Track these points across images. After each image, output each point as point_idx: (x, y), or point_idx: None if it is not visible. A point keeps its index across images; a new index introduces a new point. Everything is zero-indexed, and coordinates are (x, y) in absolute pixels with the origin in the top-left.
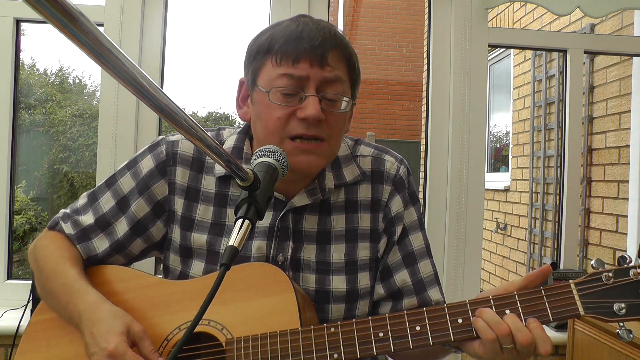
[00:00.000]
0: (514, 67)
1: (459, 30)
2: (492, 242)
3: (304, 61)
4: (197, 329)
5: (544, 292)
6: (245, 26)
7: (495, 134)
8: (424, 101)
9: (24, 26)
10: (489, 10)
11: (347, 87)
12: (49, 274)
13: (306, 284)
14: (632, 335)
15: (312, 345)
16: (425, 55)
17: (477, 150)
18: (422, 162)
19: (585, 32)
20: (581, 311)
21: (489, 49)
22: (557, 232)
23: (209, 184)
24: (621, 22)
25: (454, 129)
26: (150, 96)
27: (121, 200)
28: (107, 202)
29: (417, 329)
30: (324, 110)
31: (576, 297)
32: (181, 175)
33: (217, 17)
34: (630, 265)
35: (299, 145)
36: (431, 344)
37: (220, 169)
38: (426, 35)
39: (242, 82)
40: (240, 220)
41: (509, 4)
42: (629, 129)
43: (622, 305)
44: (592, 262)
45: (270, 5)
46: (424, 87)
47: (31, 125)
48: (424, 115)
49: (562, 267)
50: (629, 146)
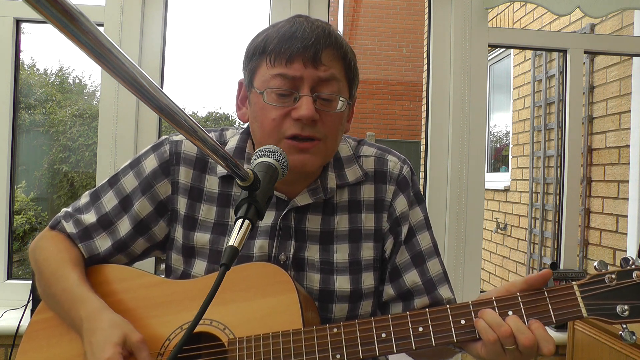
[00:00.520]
0: (514, 67)
1: (459, 30)
2: (492, 242)
3: (298, 61)
4: (199, 328)
5: (546, 294)
6: (245, 26)
7: (495, 134)
8: (424, 101)
9: (24, 25)
10: (489, 10)
11: (344, 86)
12: (50, 277)
13: (310, 283)
14: (635, 337)
15: (314, 345)
16: (425, 55)
17: (477, 150)
18: (422, 162)
19: (585, 32)
20: (584, 313)
21: (489, 49)
22: (557, 232)
23: (212, 184)
24: (621, 22)
25: (454, 129)
26: (150, 96)
27: (124, 199)
28: (109, 201)
29: (420, 329)
30: (319, 110)
31: (579, 299)
32: (184, 175)
33: (217, 17)
34: (633, 267)
35: (294, 144)
36: (434, 344)
37: (222, 170)
38: (426, 35)
39: (241, 84)
40: (240, 220)
41: (509, 4)
42: (629, 129)
43: (625, 307)
44: (595, 263)
45: (270, 5)
46: (424, 87)
47: (31, 125)
48: (424, 115)
49: (562, 267)
50: (629, 146)
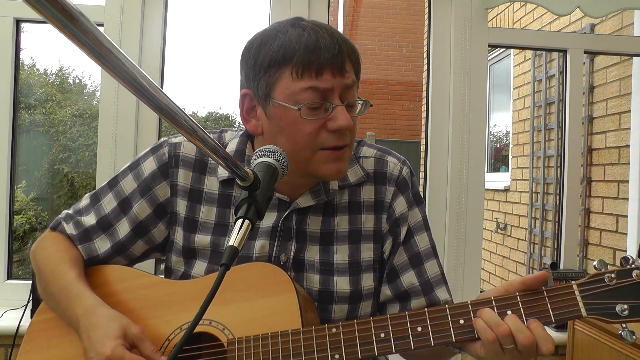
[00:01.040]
0: (514, 67)
1: (459, 30)
2: (492, 242)
3: (327, 72)
4: (199, 329)
5: (546, 293)
6: (245, 26)
7: (495, 134)
8: (424, 101)
9: (24, 25)
10: (489, 10)
11: (357, 88)
12: (49, 276)
13: (310, 284)
14: (635, 337)
15: (313, 345)
16: (425, 55)
17: (477, 150)
18: (422, 162)
19: (585, 32)
20: (583, 312)
21: (489, 49)
22: (557, 232)
23: (211, 185)
24: (621, 22)
25: (454, 129)
26: (150, 96)
27: (123, 201)
28: (109, 203)
29: (419, 329)
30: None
31: (578, 299)
32: (183, 177)
33: (217, 17)
34: (633, 266)
35: (331, 153)
36: (432, 344)
37: (223, 173)
38: (426, 35)
39: (244, 95)
40: (240, 220)
41: (509, 4)
42: (629, 129)
43: (625, 306)
44: (595, 263)
45: (270, 5)
46: (424, 87)
47: (31, 125)
48: (424, 115)
49: (562, 267)
50: (629, 146)
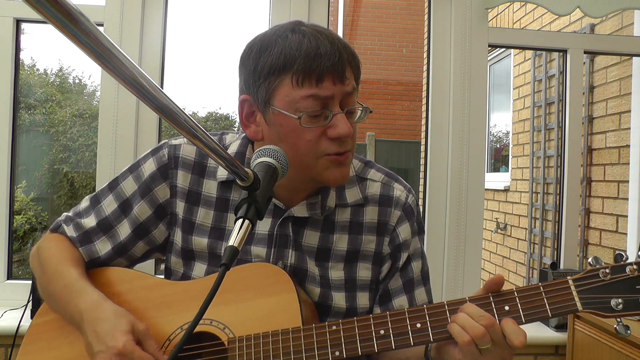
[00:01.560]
0: (514, 67)
1: (459, 30)
2: (492, 242)
3: (328, 80)
4: (200, 328)
5: (542, 289)
6: (245, 26)
7: (495, 134)
8: (424, 101)
9: (24, 25)
10: (489, 10)
11: (357, 94)
12: (51, 275)
13: (310, 295)
14: (629, 331)
15: (313, 343)
16: (425, 55)
17: (477, 150)
18: (422, 162)
19: (585, 32)
20: (579, 307)
21: (489, 49)
22: (557, 232)
23: (210, 188)
24: (621, 22)
25: (454, 129)
26: (150, 96)
27: (123, 203)
28: (109, 205)
29: (418, 326)
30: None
31: (574, 293)
32: (182, 178)
33: (217, 17)
34: (626, 262)
35: (334, 160)
36: (432, 340)
37: (222, 174)
38: (426, 35)
39: (243, 101)
40: (240, 220)
41: (509, 4)
42: (629, 129)
43: (620, 300)
44: (590, 259)
45: (270, 5)
46: (424, 87)
47: (31, 125)
48: (424, 115)
49: (562, 267)
50: (629, 146)
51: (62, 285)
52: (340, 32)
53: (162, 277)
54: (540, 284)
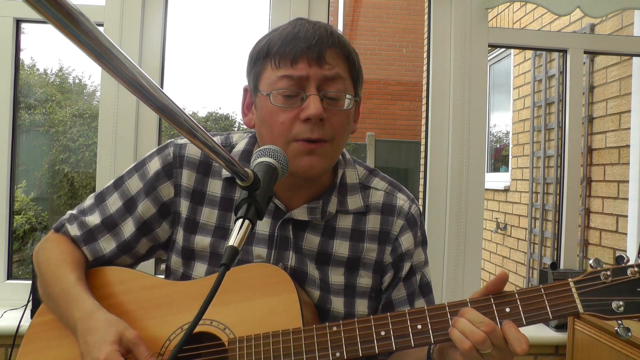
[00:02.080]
0: (514, 67)
1: (459, 30)
2: (492, 242)
3: (302, 61)
4: (200, 329)
5: (543, 291)
6: (245, 26)
7: (495, 134)
8: (424, 101)
9: (24, 25)
10: (489, 10)
11: (349, 85)
12: (50, 277)
13: (309, 297)
14: (630, 333)
15: (314, 344)
16: (425, 55)
17: (477, 150)
18: (422, 162)
19: (585, 32)
20: (580, 309)
21: (489, 49)
22: (557, 232)
23: (214, 188)
24: (621, 22)
25: (454, 129)
26: (150, 96)
27: (128, 201)
28: (114, 203)
29: (419, 327)
30: (326, 109)
31: (575, 295)
32: (187, 177)
33: (217, 17)
34: (627, 264)
35: (303, 145)
36: (432, 342)
37: (227, 172)
38: (426, 35)
39: (245, 90)
40: (240, 220)
41: (509, 4)
42: (629, 129)
43: (621, 303)
44: (591, 261)
45: (270, 5)
46: (424, 87)
47: (31, 125)
48: (424, 115)
49: (562, 267)
50: (629, 146)
51: (60, 289)
52: (341, 32)
53: (162, 277)
54: (541, 285)
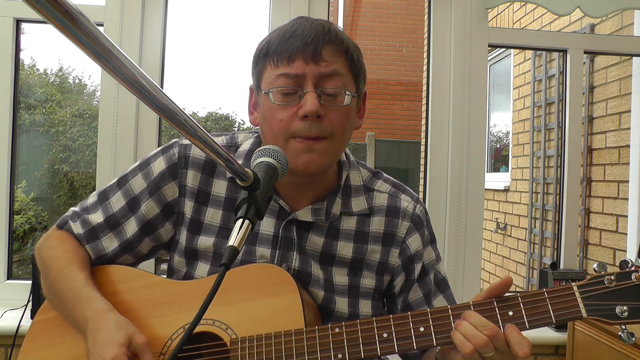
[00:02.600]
0: (514, 67)
1: (459, 30)
2: (492, 242)
3: (298, 59)
4: (201, 328)
5: (546, 295)
6: (245, 26)
7: (495, 134)
8: (424, 101)
9: (24, 25)
10: (489, 10)
11: (349, 81)
12: (56, 275)
13: (314, 298)
14: (634, 338)
15: (316, 345)
16: (425, 55)
17: (477, 150)
18: (422, 162)
19: (585, 32)
20: (584, 314)
21: (489, 49)
22: (557, 232)
23: (219, 188)
24: (621, 22)
25: (454, 129)
26: (150, 96)
27: (132, 200)
28: (117, 202)
29: (421, 330)
30: (325, 106)
31: (579, 300)
32: (192, 178)
33: (217, 17)
34: (632, 269)
35: (301, 142)
36: (435, 344)
37: None
38: (426, 35)
39: (251, 89)
40: (240, 220)
41: (509, 4)
42: (629, 129)
43: (625, 308)
44: (594, 265)
45: (270, 5)
46: (424, 87)
47: (31, 125)
48: (424, 115)
49: (562, 267)
50: (629, 146)
51: (68, 287)
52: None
53: (164, 276)
54: (544, 289)
